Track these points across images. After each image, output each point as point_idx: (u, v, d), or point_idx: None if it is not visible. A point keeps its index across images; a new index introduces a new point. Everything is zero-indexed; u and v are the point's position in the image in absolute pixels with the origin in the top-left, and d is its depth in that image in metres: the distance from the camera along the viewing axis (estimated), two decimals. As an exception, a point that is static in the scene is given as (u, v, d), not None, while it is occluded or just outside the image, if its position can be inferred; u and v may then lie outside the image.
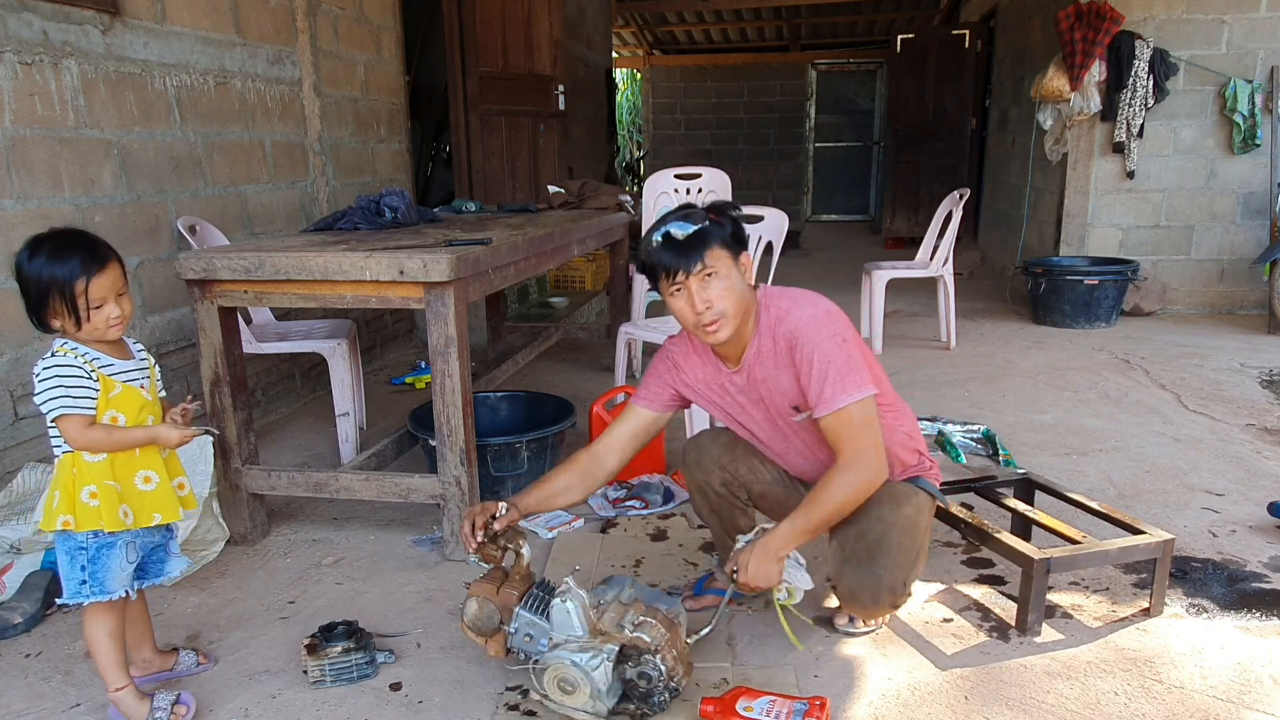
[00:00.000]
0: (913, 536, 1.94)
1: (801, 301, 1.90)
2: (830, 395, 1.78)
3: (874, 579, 1.87)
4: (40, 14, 2.71)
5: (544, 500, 2.03)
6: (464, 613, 1.86)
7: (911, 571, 1.94)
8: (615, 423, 2.08)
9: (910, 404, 2.18)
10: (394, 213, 3.08)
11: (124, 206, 3.08)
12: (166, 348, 3.29)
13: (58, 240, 1.68)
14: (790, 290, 1.96)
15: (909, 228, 9.49)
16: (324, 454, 3.45)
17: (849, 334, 1.84)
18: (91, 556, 1.73)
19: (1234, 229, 5.83)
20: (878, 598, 1.89)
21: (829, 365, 1.78)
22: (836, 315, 1.86)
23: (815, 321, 1.83)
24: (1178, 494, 2.92)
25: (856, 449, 1.80)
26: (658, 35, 12.94)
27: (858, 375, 1.79)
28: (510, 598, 1.84)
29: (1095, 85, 5.55)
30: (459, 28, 5.44)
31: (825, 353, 1.78)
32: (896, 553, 1.90)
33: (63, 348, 1.71)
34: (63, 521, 1.70)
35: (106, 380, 1.72)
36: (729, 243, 1.84)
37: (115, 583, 1.75)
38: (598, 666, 1.71)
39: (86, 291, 1.66)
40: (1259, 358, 4.69)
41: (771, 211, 3.77)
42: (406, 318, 5.28)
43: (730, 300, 1.82)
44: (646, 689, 1.73)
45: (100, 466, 1.72)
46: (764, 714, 1.69)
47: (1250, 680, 1.91)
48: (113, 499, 1.72)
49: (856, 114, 13.19)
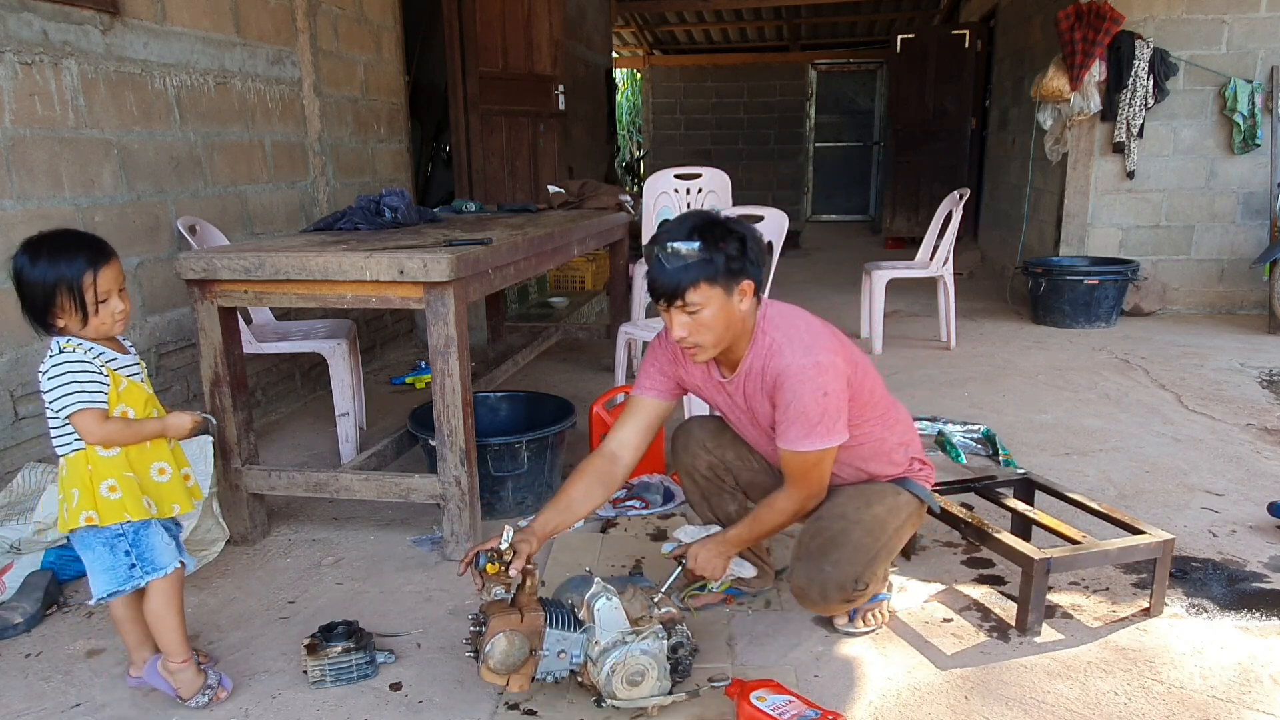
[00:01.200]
0: (875, 536, 1.94)
1: (795, 343, 1.85)
2: (794, 438, 1.84)
3: (821, 575, 1.89)
4: (40, 14, 2.71)
5: (563, 515, 1.96)
6: (489, 657, 1.71)
7: (867, 569, 1.92)
8: (623, 418, 2.07)
9: (910, 404, 2.19)
10: (394, 213, 3.08)
11: (124, 206, 3.08)
12: (166, 348, 3.29)
13: (55, 240, 1.69)
14: (791, 319, 1.91)
15: (909, 228, 9.49)
16: (324, 454, 3.45)
17: (832, 387, 1.82)
18: (133, 540, 1.77)
19: (1234, 229, 5.83)
20: (825, 594, 1.90)
21: (802, 416, 1.82)
22: (825, 367, 1.82)
23: (802, 373, 1.81)
24: (1178, 494, 2.92)
25: (805, 482, 1.91)
26: (658, 35, 12.94)
27: (825, 429, 1.83)
28: (536, 620, 1.77)
29: (1095, 85, 5.55)
30: (459, 28, 5.44)
31: (803, 404, 1.81)
32: (852, 550, 1.90)
33: (68, 344, 1.71)
34: (86, 517, 1.72)
35: (115, 375, 1.74)
36: (722, 275, 1.77)
37: (165, 557, 1.80)
38: (661, 649, 1.77)
39: (94, 285, 1.67)
40: (1259, 358, 4.69)
41: (771, 211, 3.77)
42: (406, 318, 5.28)
43: (710, 334, 1.82)
44: (678, 657, 1.83)
45: (116, 460, 1.74)
46: (774, 710, 1.70)
47: (1250, 680, 1.91)
48: (135, 490, 1.76)
49: (856, 114, 13.19)
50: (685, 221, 1.82)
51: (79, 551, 1.79)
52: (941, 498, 2.42)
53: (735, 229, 1.81)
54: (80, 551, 1.79)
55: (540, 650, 1.77)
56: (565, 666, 1.81)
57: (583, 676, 1.82)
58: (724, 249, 1.77)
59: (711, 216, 1.83)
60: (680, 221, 1.83)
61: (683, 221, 1.82)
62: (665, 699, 1.78)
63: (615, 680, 1.74)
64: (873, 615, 2.12)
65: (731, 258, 1.77)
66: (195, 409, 1.87)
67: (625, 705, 1.77)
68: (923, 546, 2.56)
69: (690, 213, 1.87)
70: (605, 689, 1.75)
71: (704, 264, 1.76)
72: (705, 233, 1.78)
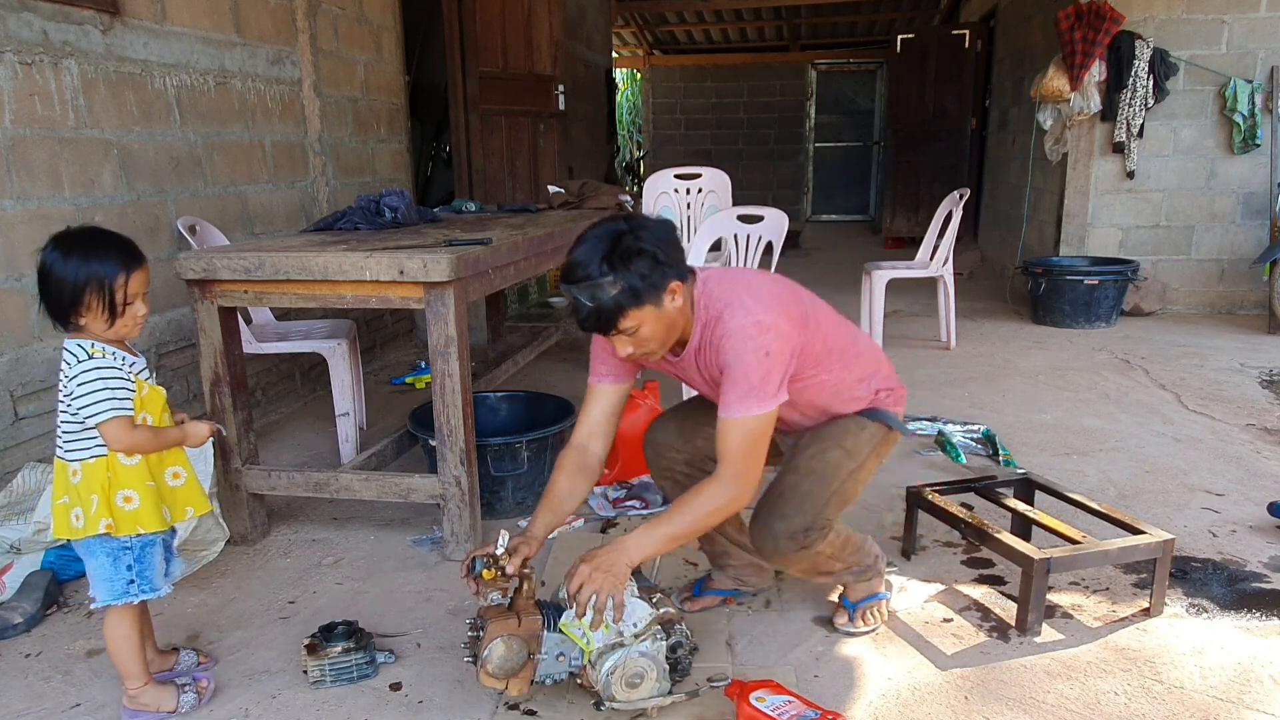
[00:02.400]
0: (826, 483, 1.92)
1: (735, 305, 1.80)
2: (731, 402, 1.78)
3: (771, 531, 1.89)
4: (40, 14, 2.71)
5: (556, 515, 1.96)
6: (487, 661, 1.71)
7: (818, 517, 1.90)
8: (586, 407, 2.04)
9: (910, 404, 2.18)
10: (394, 213, 3.08)
11: (124, 206, 3.08)
12: (166, 348, 3.29)
13: (89, 238, 1.70)
14: (732, 285, 1.85)
15: (909, 228, 9.49)
16: (324, 454, 3.45)
17: (775, 346, 1.77)
18: (137, 556, 1.76)
19: (1234, 229, 5.83)
20: (777, 546, 1.90)
21: (744, 378, 1.77)
22: (766, 326, 1.77)
23: (743, 333, 1.77)
24: (1178, 494, 2.92)
25: (735, 468, 1.80)
26: (658, 35, 12.94)
27: (763, 393, 1.77)
28: (535, 624, 1.76)
29: (1095, 85, 5.55)
30: (459, 28, 5.45)
31: (745, 365, 1.77)
32: (800, 501, 1.89)
33: (95, 349, 1.70)
34: (105, 525, 1.71)
35: (139, 381, 1.75)
36: (646, 295, 1.71)
37: (159, 579, 1.80)
38: (659, 650, 1.76)
39: (125, 286, 1.68)
40: (1259, 358, 4.69)
41: (771, 211, 3.78)
42: (406, 318, 5.28)
43: (654, 341, 1.80)
44: (678, 657, 1.81)
45: (137, 469, 1.75)
46: (773, 710, 1.70)
47: (1250, 680, 1.91)
48: (154, 499, 1.76)
49: (856, 114, 13.19)
50: (593, 251, 1.72)
51: (82, 557, 1.79)
52: (941, 498, 2.43)
53: (642, 243, 1.72)
54: (84, 558, 1.78)
55: (539, 654, 1.77)
56: (564, 669, 1.81)
57: (581, 678, 1.81)
58: (635, 269, 1.71)
59: (615, 238, 1.73)
60: (589, 251, 1.73)
61: (591, 251, 1.72)
62: (665, 699, 1.78)
63: (614, 683, 1.74)
64: (872, 614, 2.12)
65: (647, 275, 1.72)
66: (195, 409, 1.88)
67: (625, 707, 1.77)
68: (923, 547, 2.56)
69: (592, 236, 1.75)
70: (605, 692, 1.75)
71: (623, 294, 1.70)
72: (614, 261, 1.70)
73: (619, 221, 1.78)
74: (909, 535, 2.51)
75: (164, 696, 1.84)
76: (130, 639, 1.80)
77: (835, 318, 2.00)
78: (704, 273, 1.89)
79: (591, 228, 1.78)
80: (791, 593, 2.31)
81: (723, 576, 2.27)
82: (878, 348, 2.12)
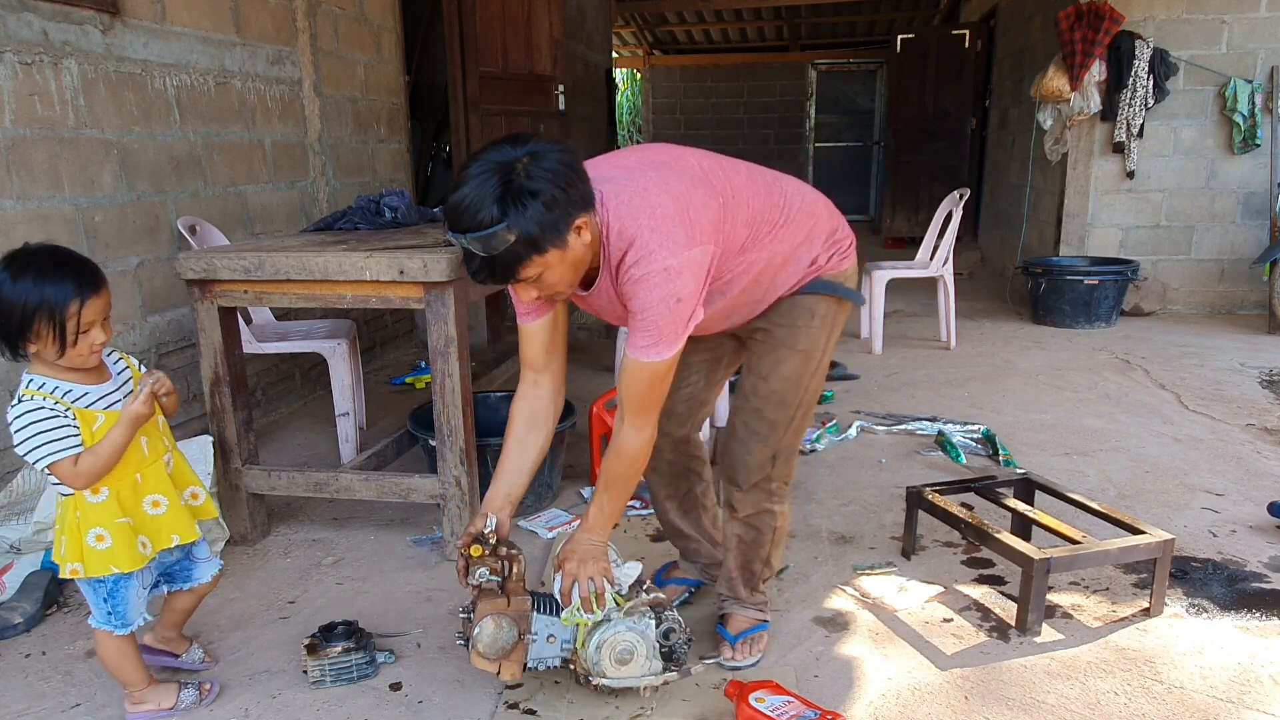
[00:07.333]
0: (784, 407, 1.89)
1: (639, 246, 1.59)
2: (641, 345, 1.64)
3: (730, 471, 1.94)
4: (40, 14, 2.71)
5: (517, 478, 1.86)
6: (478, 641, 1.72)
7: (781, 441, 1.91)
8: (523, 347, 1.88)
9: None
10: (394, 213, 3.08)
11: (124, 206, 3.08)
12: (166, 348, 3.29)
13: (43, 259, 1.57)
14: (634, 214, 1.60)
15: (909, 228, 9.49)
16: (324, 454, 3.45)
17: (686, 290, 1.60)
18: (110, 592, 1.72)
19: (1234, 229, 5.83)
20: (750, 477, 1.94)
21: (653, 325, 1.61)
22: (675, 271, 1.57)
23: (649, 281, 1.58)
24: (1178, 494, 2.92)
25: (638, 408, 1.71)
26: (658, 35, 12.94)
27: (666, 341, 1.63)
28: (524, 604, 1.76)
29: (1095, 85, 5.55)
30: (459, 28, 5.44)
31: (652, 313, 1.60)
32: (766, 432, 1.91)
33: (29, 389, 1.59)
34: (71, 570, 1.67)
35: (84, 414, 1.62)
36: (548, 239, 1.50)
37: (134, 614, 1.76)
38: (648, 627, 1.76)
39: (79, 314, 1.55)
40: (1259, 358, 4.69)
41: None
42: (406, 318, 5.28)
43: (561, 284, 1.62)
44: (672, 644, 1.80)
45: (106, 507, 1.66)
46: (773, 711, 1.70)
47: (1250, 680, 1.91)
48: (127, 536, 1.68)
49: (856, 114, 13.19)
50: (481, 191, 1.46)
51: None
52: (941, 498, 2.43)
53: (540, 176, 1.47)
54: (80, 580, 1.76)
55: (529, 635, 1.78)
56: (556, 652, 1.81)
57: (575, 665, 1.81)
58: (534, 211, 1.46)
59: (506, 171, 1.47)
60: (477, 190, 1.47)
61: (480, 190, 1.47)
62: (656, 679, 1.77)
63: (603, 657, 1.74)
64: (756, 646, 2.02)
65: (548, 215, 1.48)
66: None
67: (615, 684, 1.76)
68: (923, 547, 2.56)
69: (478, 170, 1.49)
70: (595, 668, 1.75)
71: (521, 243, 1.48)
72: (508, 203, 1.46)
73: (507, 146, 1.51)
74: (909, 535, 2.51)
75: (165, 695, 1.84)
76: (124, 653, 1.79)
77: (759, 180, 1.80)
78: (601, 191, 1.62)
79: (475, 157, 1.52)
80: (791, 593, 2.31)
81: (690, 568, 2.29)
82: (815, 199, 1.88)
